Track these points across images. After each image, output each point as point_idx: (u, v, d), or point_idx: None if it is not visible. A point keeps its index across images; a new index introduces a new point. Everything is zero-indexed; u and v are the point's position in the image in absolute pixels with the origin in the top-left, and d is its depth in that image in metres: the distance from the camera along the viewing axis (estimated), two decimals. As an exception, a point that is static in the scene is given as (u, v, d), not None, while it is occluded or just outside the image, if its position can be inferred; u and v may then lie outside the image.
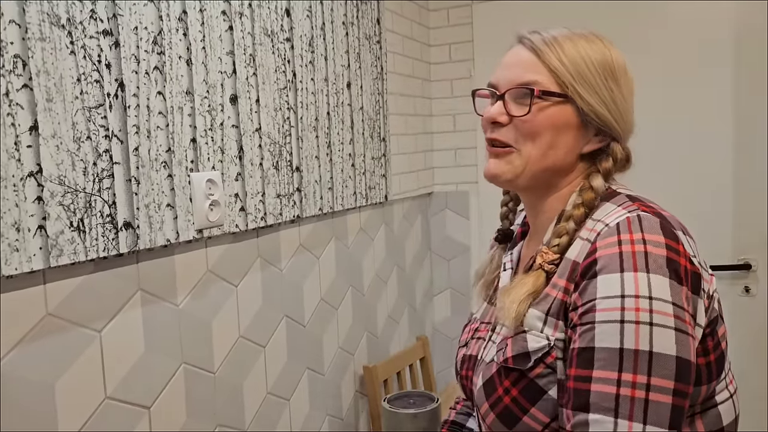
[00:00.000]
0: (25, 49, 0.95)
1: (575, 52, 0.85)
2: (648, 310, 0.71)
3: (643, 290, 0.71)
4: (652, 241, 0.74)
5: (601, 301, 0.73)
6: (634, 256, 0.73)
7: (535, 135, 0.84)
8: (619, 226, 0.76)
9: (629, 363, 0.70)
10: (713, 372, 0.78)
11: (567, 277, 0.80)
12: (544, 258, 0.83)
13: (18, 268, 0.94)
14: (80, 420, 1.07)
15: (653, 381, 0.70)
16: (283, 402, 1.63)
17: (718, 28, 2.19)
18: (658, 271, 0.72)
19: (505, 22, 2.49)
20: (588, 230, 0.81)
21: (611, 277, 0.73)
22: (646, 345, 0.70)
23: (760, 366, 2.20)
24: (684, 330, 0.71)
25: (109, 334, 1.12)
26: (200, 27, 1.30)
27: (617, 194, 0.85)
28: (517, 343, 0.82)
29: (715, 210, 2.23)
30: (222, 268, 1.40)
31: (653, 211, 0.79)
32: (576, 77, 0.84)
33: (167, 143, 1.22)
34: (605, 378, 0.71)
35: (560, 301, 0.79)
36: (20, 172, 0.95)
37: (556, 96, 0.83)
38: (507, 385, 0.82)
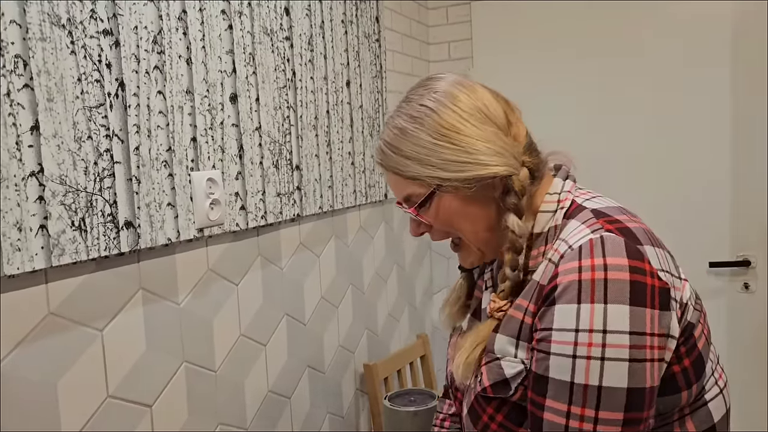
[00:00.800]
0: (25, 49, 0.96)
1: (410, 144, 0.84)
2: (601, 345, 0.71)
3: (597, 324, 0.71)
4: (614, 265, 0.73)
5: (557, 332, 0.74)
6: (593, 285, 0.72)
7: (453, 227, 0.88)
8: (581, 250, 0.75)
9: (578, 396, 0.72)
10: (691, 376, 0.78)
11: (534, 300, 0.80)
12: (492, 306, 0.85)
13: (20, 268, 0.94)
14: (82, 419, 1.07)
15: (601, 414, 0.71)
16: (284, 400, 1.63)
17: (717, 27, 2.19)
18: (617, 300, 0.71)
19: (504, 20, 2.50)
20: (554, 251, 0.80)
21: (568, 308, 0.74)
22: (596, 380, 0.71)
23: (759, 363, 2.21)
24: (640, 358, 0.71)
25: (110, 333, 1.13)
26: (200, 26, 1.30)
27: (582, 209, 0.83)
28: (493, 371, 0.82)
29: (714, 207, 2.23)
30: (223, 266, 1.41)
31: (618, 228, 0.77)
32: (428, 166, 0.83)
33: (168, 142, 1.22)
34: (556, 408, 0.74)
35: (528, 325, 0.80)
36: (22, 172, 0.95)
37: (430, 198, 0.85)
38: (491, 412, 0.83)
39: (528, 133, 0.88)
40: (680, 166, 2.27)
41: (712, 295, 2.26)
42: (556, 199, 0.85)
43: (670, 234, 2.25)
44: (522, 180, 0.83)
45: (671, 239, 2.40)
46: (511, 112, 0.87)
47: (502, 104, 0.86)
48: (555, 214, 0.84)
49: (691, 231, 2.27)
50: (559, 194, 0.86)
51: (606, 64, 2.35)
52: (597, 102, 2.36)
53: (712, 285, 2.26)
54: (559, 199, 0.85)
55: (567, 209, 0.84)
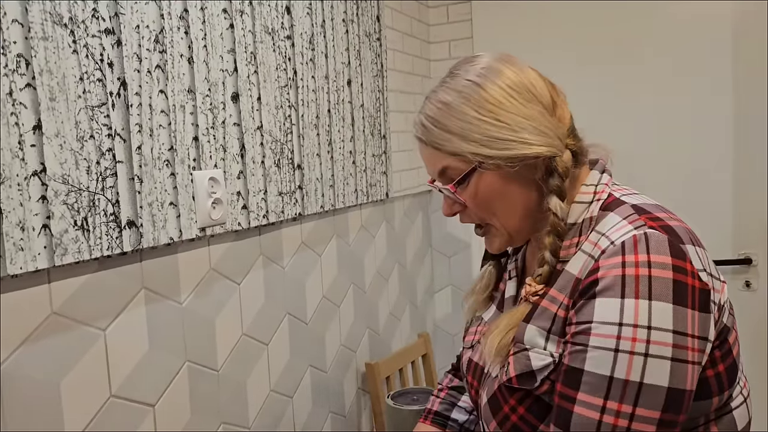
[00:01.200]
0: (28, 48, 0.95)
1: (454, 119, 0.82)
2: (645, 341, 0.70)
3: (642, 319, 0.70)
4: (658, 263, 0.72)
5: (598, 325, 0.73)
6: (637, 281, 0.71)
7: (490, 209, 0.85)
8: (625, 246, 0.74)
9: (617, 391, 0.71)
10: (724, 382, 0.77)
11: (568, 293, 0.79)
12: (528, 290, 0.83)
13: (23, 267, 0.94)
14: (86, 418, 1.07)
15: (638, 411, 0.70)
16: (286, 399, 1.63)
17: (717, 27, 2.19)
18: (661, 298, 0.70)
19: (504, 18, 2.49)
20: (592, 244, 0.79)
21: (611, 302, 0.72)
22: (638, 376, 0.70)
23: (760, 360, 2.21)
24: (682, 358, 0.70)
25: (113, 332, 1.12)
26: (201, 25, 1.30)
27: (621, 203, 0.82)
28: (520, 361, 0.81)
29: (716, 205, 2.23)
30: (225, 266, 1.40)
31: (660, 225, 0.76)
32: (471, 142, 0.81)
33: (170, 142, 1.22)
34: (590, 403, 0.72)
35: (561, 318, 0.79)
36: (24, 171, 0.95)
37: (470, 176, 0.83)
38: (513, 404, 0.81)
39: (571, 116, 0.88)
40: (682, 165, 2.27)
41: (714, 293, 2.26)
42: (592, 190, 0.84)
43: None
44: (565, 162, 0.82)
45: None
46: (555, 94, 0.86)
47: (547, 85, 0.86)
48: (590, 206, 0.83)
49: (693, 229, 2.26)
50: (596, 186, 0.85)
51: (606, 62, 2.35)
52: (597, 101, 2.36)
53: (714, 283, 2.26)
54: (596, 191, 0.84)
55: (603, 201, 0.83)
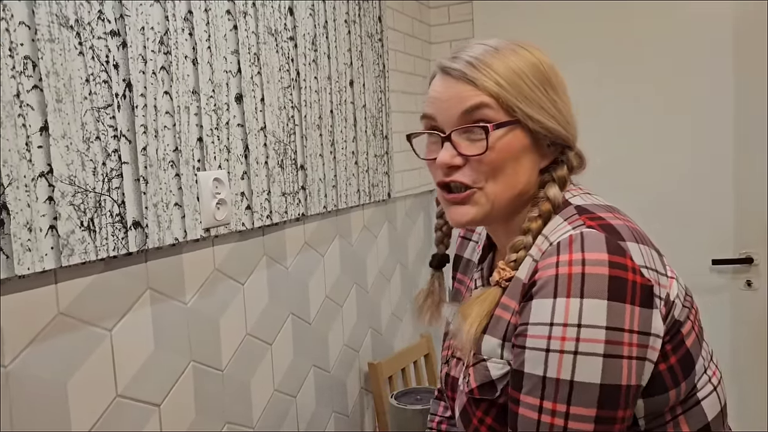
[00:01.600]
0: (34, 50, 0.96)
1: (508, 69, 0.80)
2: (574, 339, 0.70)
3: (572, 318, 0.71)
4: (593, 260, 0.71)
5: (532, 327, 0.74)
6: (569, 279, 0.71)
7: (498, 170, 0.81)
8: (560, 246, 0.74)
9: (550, 391, 0.71)
10: (678, 374, 0.77)
11: (518, 299, 0.79)
12: (501, 275, 0.82)
13: (30, 268, 0.95)
14: (92, 418, 1.08)
15: (572, 410, 0.70)
16: (290, 399, 1.64)
17: (718, 27, 2.20)
18: (594, 295, 0.70)
19: (505, 18, 2.50)
20: (536, 248, 0.80)
21: (544, 303, 0.73)
22: (568, 374, 0.70)
23: (761, 360, 2.21)
24: (616, 354, 0.70)
25: (119, 332, 1.13)
26: (205, 27, 1.31)
27: (567, 205, 0.82)
28: (479, 372, 0.82)
29: (717, 205, 2.24)
30: (229, 266, 1.41)
31: (600, 224, 0.76)
32: (519, 97, 0.80)
33: (174, 143, 1.23)
34: (529, 403, 0.73)
35: (513, 325, 0.79)
36: (31, 173, 0.95)
37: (507, 125, 0.80)
38: (480, 415, 0.82)
39: None
40: (682, 165, 2.28)
41: (715, 292, 2.27)
42: None
43: (673, 231, 2.27)
44: (573, 159, 0.84)
45: (674, 236, 2.40)
46: None
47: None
48: None
49: (694, 228, 2.27)
50: None
51: (607, 63, 2.36)
52: (598, 101, 2.36)
53: (715, 282, 2.27)
54: None
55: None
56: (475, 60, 0.81)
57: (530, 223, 0.81)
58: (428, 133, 0.86)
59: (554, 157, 0.85)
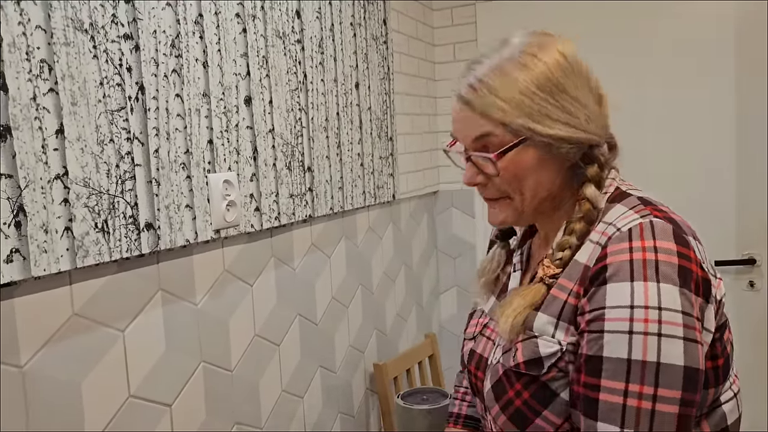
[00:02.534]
0: (50, 53, 0.97)
1: (512, 89, 0.81)
2: (657, 321, 0.71)
3: (652, 301, 0.72)
4: (664, 248, 0.74)
5: (610, 310, 0.74)
6: (644, 265, 0.73)
7: (517, 184, 0.85)
8: (631, 232, 0.76)
9: (636, 374, 0.71)
10: (720, 376, 0.79)
11: (578, 282, 0.80)
12: (545, 272, 0.84)
13: (46, 269, 0.96)
14: (105, 418, 1.09)
15: (660, 392, 0.71)
16: (297, 400, 1.65)
17: (720, 27, 2.21)
18: (668, 281, 0.72)
19: (508, 21, 2.51)
20: (599, 233, 0.81)
21: (621, 286, 0.74)
22: (654, 356, 0.71)
23: (763, 360, 2.22)
24: (693, 338, 0.72)
25: (132, 333, 1.14)
26: (215, 30, 1.32)
27: (627, 195, 0.84)
28: (528, 348, 0.82)
29: (720, 205, 2.25)
30: (238, 267, 1.42)
31: (665, 216, 0.78)
32: (523, 116, 0.81)
33: (185, 145, 1.24)
34: (613, 388, 0.73)
35: (571, 306, 0.80)
36: (48, 175, 0.96)
37: (512, 147, 0.82)
38: (518, 388, 0.82)
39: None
40: (685, 165, 2.29)
41: (718, 293, 2.28)
42: None
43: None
44: (605, 152, 0.85)
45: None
46: (599, 86, 0.88)
47: (595, 75, 0.87)
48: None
49: (697, 229, 2.28)
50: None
51: (610, 65, 2.36)
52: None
53: (718, 283, 2.28)
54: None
55: (610, 195, 0.85)
56: (478, 83, 0.83)
57: (575, 224, 0.84)
58: (456, 152, 0.91)
59: (581, 155, 0.85)
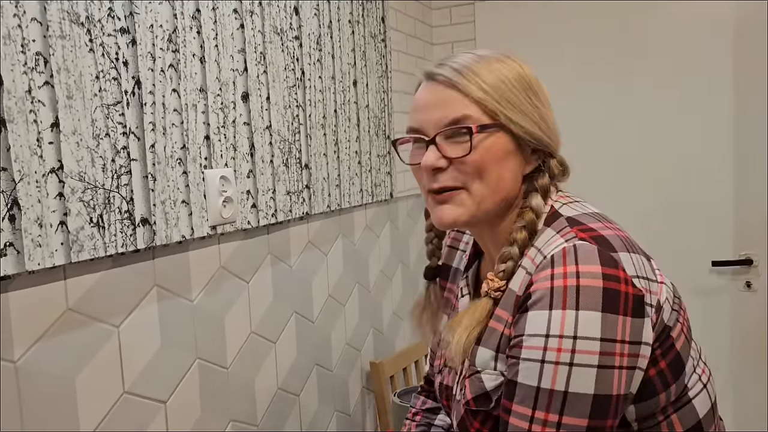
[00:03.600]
0: (46, 46, 0.96)
1: (493, 76, 0.82)
2: (570, 351, 0.71)
3: (568, 330, 0.71)
4: (587, 272, 0.73)
5: (528, 338, 0.74)
6: (565, 292, 0.72)
7: (482, 172, 0.82)
8: (554, 259, 0.75)
9: (543, 401, 0.72)
10: (668, 377, 0.78)
11: (511, 311, 0.80)
12: (490, 285, 0.82)
13: (41, 264, 0.95)
14: (99, 414, 1.08)
15: (564, 419, 0.71)
16: (293, 398, 1.64)
17: (719, 27, 2.21)
18: (589, 307, 0.71)
19: (507, 20, 2.51)
20: (530, 260, 0.81)
21: (540, 314, 0.74)
22: (562, 386, 0.71)
23: (761, 361, 2.23)
24: (609, 365, 0.71)
25: (126, 329, 1.13)
26: (213, 25, 1.31)
27: (558, 217, 0.83)
28: (474, 384, 0.83)
29: (717, 206, 2.25)
30: (234, 264, 1.41)
31: (591, 236, 0.77)
32: (502, 102, 0.81)
33: (182, 140, 1.23)
34: (521, 413, 0.74)
35: (506, 336, 0.80)
36: (42, 169, 0.95)
37: (490, 128, 0.81)
38: (477, 426, 0.83)
39: None
40: (683, 166, 2.29)
41: (715, 293, 2.28)
42: None
43: (673, 233, 2.29)
44: (558, 167, 0.85)
45: (675, 238, 2.41)
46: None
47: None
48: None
49: (694, 230, 2.29)
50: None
51: (609, 64, 2.37)
52: (600, 102, 2.38)
53: (715, 284, 2.28)
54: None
55: (546, 215, 0.84)
56: (461, 67, 0.83)
57: (516, 233, 0.82)
58: (413, 138, 0.86)
59: (537, 165, 0.85)
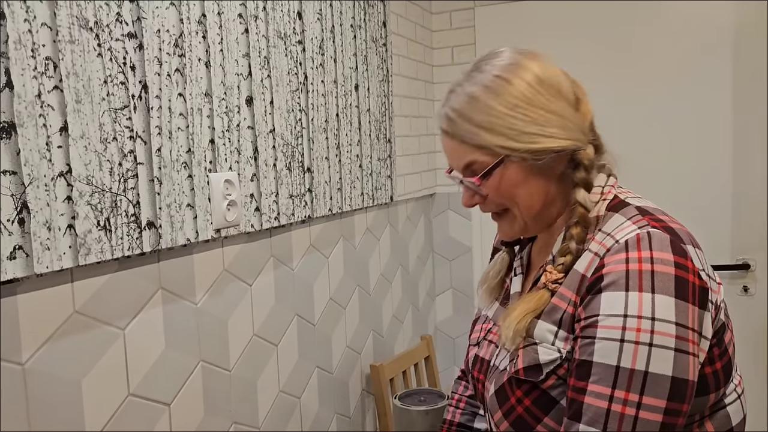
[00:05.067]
0: (56, 51, 0.97)
1: (482, 112, 0.84)
2: (649, 331, 0.73)
3: (646, 311, 0.73)
4: (661, 259, 0.75)
5: (604, 318, 0.76)
6: (640, 275, 0.74)
7: (509, 199, 0.88)
8: (628, 243, 0.77)
9: (623, 381, 0.73)
10: (720, 379, 0.80)
11: (575, 290, 0.82)
12: (548, 278, 0.85)
13: (49, 267, 0.96)
14: (105, 417, 1.08)
15: (645, 400, 0.72)
16: (295, 400, 1.65)
17: (719, 27, 2.23)
18: (663, 291, 0.73)
19: (507, 25, 2.52)
20: (597, 243, 0.82)
21: (616, 295, 0.75)
22: (643, 365, 0.73)
23: (758, 365, 2.24)
24: (684, 350, 0.73)
25: (132, 331, 1.14)
26: (218, 30, 1.32)
27: (626, 205, 0.85)
28: (529, 354, 0.84)
29: (715, 210, 2.27)
30: (237, 267, 1.42)
31: (663, 226, 0.79)
32: (498, 135, 0.83)
33: (187, 144, 1.24)
34: (599, 392, 0.74)
35: (570, 314, 0.81)
36: (51, 172, 0.96)
37: (496, 167, 0.84)
38: (519, 395, 0.84)
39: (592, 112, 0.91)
40: (681, 170, 2.31)
41: (712, 297, 2.29)
42: (599, 191, 0.87)
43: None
44: (589, 155, 0.86)
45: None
46: (578, 88, 0.89)
47: (570, 79, 0.89)
48: (597, 205, 0.86)
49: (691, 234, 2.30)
50: (602, 188, 0.88)
51: (609, 68, 2.38)
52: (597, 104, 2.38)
53: (712, 288, 2.29)
54: (602, 192, 0.88)
55: (609, 202, 0.86)
56: (453, 112, 0.87)
57: (572, 229, 0.85)
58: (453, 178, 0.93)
59: (567, 161, 0.87)
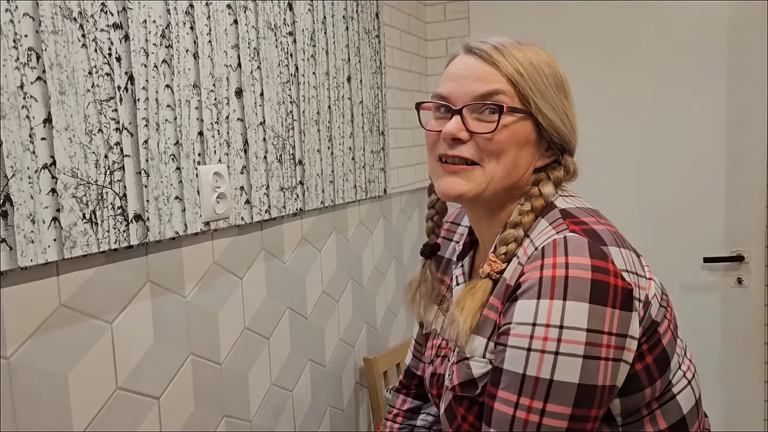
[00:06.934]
0: (38, 42, 0.96)
1: (529, 62, 0.83)
2: (556, 340, 0.72)
3: (555, 319, 0.72)
4: (577, 264, 0.73)
5: (516, 326, 0.75)
6: (553, 282, 0.73)
7: (500, 153, 0.82)
8: (544, 250, 0.76)
9: (529, 388, 0.73)
10: (654, 373, 0.79)
11: (502, 300, 0.81)
12: (493, 267, 0.83)
13: (33, 260, 0.95)
14: (93, 410, 1.08)
15: (548, 407, 0.72)
16: (287, 393, 1.64)
17: (714, 26, 2.22)
18: (577, 298, 0.72)
19: (501, 17, 2.51)
20: (523, 249, 0.82)
21: (528, 303, 0.75)
22: (548, 374, 0.72)
23: (753, 357, 2.24)
24: (595, 355, 0.72)
25: (119, 325, 1.13)
26: (206, 20, 1.31)
27: (552, 208, 0.84)
28: (462, 370, 0.83)
29: (709, 203, 2.27)
30: (228, 260, 1.41)
31: (582, 229, 0.78)
32: (535, 91, 0.82)
33: (175, 136, 1.23)
34: (506, 399, 0.75)
35: (498, 325, 0.81)
36: (35, 164, 0.95)
37: (520, 112, 0.82)
38: (462, 412, 0.84)
39: None
40: (675, 163, 2.30)
41: (706, 289, 2.30)
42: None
43: (665, 229, 2.30)
44: (571, 163, 0.87)
45: (667, 235, 2.43)
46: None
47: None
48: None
49: (686, 226, 2.30)
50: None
51: (603, 62, 2.38)
52: (594, 100, 2.38)
53: (706, 280, 2.30)
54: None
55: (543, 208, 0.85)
56: (502, 46, 0.84)
57: (522, 216, 0.83)
58: (438, 104, 0.86)
59: (551, 160, 0.87)
